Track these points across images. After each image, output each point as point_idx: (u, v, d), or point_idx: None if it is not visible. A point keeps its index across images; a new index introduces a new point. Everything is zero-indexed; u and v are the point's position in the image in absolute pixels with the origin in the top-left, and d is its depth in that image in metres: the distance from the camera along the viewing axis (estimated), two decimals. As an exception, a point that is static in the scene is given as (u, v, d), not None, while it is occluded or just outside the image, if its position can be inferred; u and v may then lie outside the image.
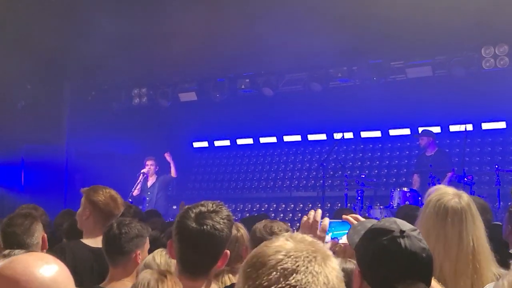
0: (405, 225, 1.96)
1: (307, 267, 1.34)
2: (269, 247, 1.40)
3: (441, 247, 2.77)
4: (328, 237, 2.53)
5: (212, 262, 2.61)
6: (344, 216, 2.57)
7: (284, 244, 1.40)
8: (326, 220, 2.51)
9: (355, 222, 2.52)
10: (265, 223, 3.58)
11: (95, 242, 4.12)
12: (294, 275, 1.33)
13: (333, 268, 1.39)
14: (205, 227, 2.55)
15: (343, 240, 2.52)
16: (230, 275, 3.70)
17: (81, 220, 4.30)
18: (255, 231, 3.49)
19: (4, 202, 11.62)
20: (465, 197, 2.89)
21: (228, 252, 2.69)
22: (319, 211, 2.54)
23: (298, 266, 1.34)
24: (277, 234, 3.34)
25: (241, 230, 3.67)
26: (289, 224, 4.64)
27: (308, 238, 1.45)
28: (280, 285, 1.32)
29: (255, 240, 3.42)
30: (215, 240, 2.57)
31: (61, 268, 1.59)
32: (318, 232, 2.49)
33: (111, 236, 3.50)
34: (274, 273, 1.33)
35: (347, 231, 2.45)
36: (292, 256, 1.36)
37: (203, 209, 2.60)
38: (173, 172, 11.70)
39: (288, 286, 1.31)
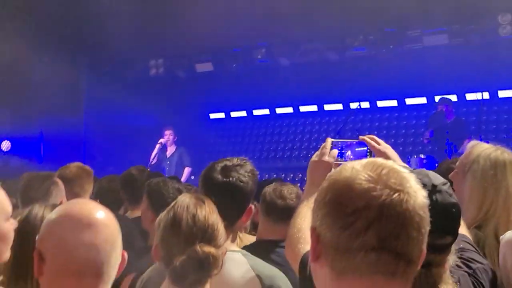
0: (437, 179, 1.95)
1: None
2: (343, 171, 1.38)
3: (501, 199, 2.88)
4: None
5: (238, 215, 2.66)
6: (361, 137, 2.52)
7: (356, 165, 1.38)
8: (335, 152, 2.44)
9: (372, 142, 2.49)
10: (274, 186, 3.52)
11: None
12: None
13: None
14: (230, 179, 2.61)
15: None
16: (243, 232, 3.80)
17: None
18: (265, 194, 3.47)
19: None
20: (506, 150, 3.00)
21: (253, 207, 2.74)
22: (329, 140, 2.48)
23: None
24: (286, 198, 3.37)
25: None
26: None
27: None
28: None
29: (265, 203, 3.44)
30: (241, 192, 2.63)
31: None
32: (326, 157, 2.41)
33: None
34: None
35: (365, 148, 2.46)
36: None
37: (228, 163, 2.67)
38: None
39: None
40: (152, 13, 11.20)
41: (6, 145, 11.98)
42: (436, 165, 8.92)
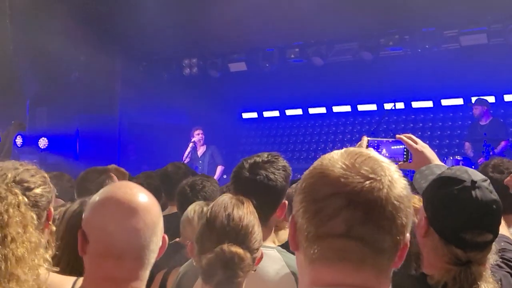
0: (476, 175, 1.94)
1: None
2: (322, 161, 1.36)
3: None
4: None
5: (269, 212, 2.63)
6: (397, 136, 2.50)
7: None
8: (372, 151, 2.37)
9: (409, 141, 2.46)
10: None
11: None
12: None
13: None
14: (258, 177, 2.58)
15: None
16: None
17: None
18: (292, 194, 3.46)
19: (61, 170, 11.97)
20: None
21: (286, 202, 2.70)
22: (365, 138, 2.45)
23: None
24: None
25: None
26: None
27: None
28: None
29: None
30: (269, 190, 2.59)
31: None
32: None
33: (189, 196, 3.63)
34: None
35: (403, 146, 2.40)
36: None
37: (258, 159, 2.64)
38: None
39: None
40: (186, 13, 11.27)
41: (43, 142, 12.18)
42: (473, 167, 8.80)
